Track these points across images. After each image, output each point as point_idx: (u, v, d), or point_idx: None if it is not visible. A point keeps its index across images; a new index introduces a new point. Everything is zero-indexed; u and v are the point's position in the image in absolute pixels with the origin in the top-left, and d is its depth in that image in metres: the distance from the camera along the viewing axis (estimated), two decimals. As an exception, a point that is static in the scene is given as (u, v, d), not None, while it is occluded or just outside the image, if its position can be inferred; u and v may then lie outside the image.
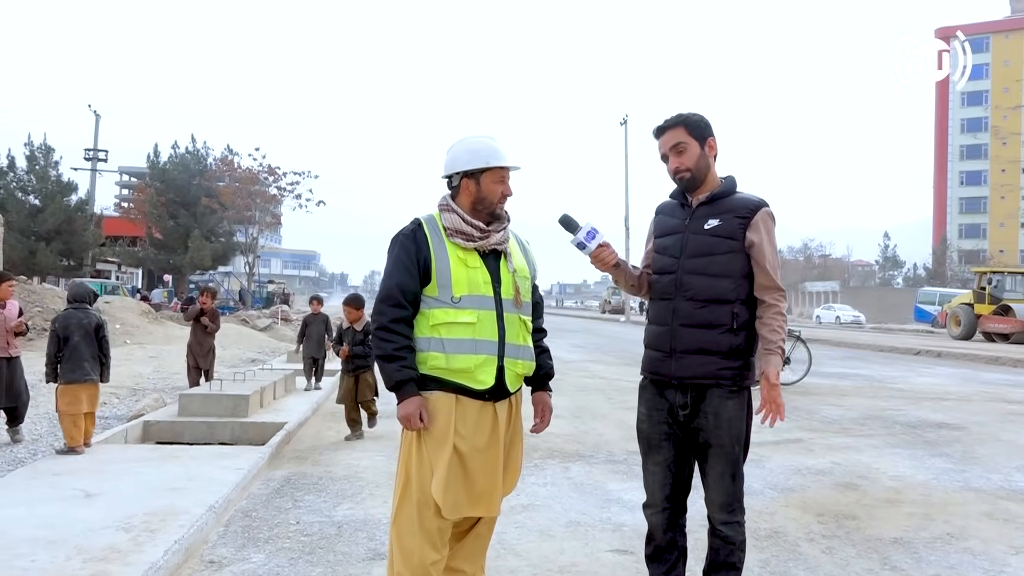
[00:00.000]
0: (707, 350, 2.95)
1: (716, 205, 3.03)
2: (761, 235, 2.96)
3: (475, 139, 3.00)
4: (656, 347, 3.09)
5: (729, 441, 2.97)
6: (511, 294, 2.96)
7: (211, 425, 7.53)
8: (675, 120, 3.06)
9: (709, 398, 2.97)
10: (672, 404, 3.03)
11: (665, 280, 3.06)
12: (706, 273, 2.98)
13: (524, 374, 3.02)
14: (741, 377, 2.98)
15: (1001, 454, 7.02)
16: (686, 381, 2.98)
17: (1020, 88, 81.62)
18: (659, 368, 3.06)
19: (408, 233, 2.95)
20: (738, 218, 2.98)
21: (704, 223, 3.02)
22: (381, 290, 2.95)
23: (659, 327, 3.08)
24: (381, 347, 2.86)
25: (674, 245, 3.06)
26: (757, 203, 3.01)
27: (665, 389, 3.06)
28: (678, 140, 3.03)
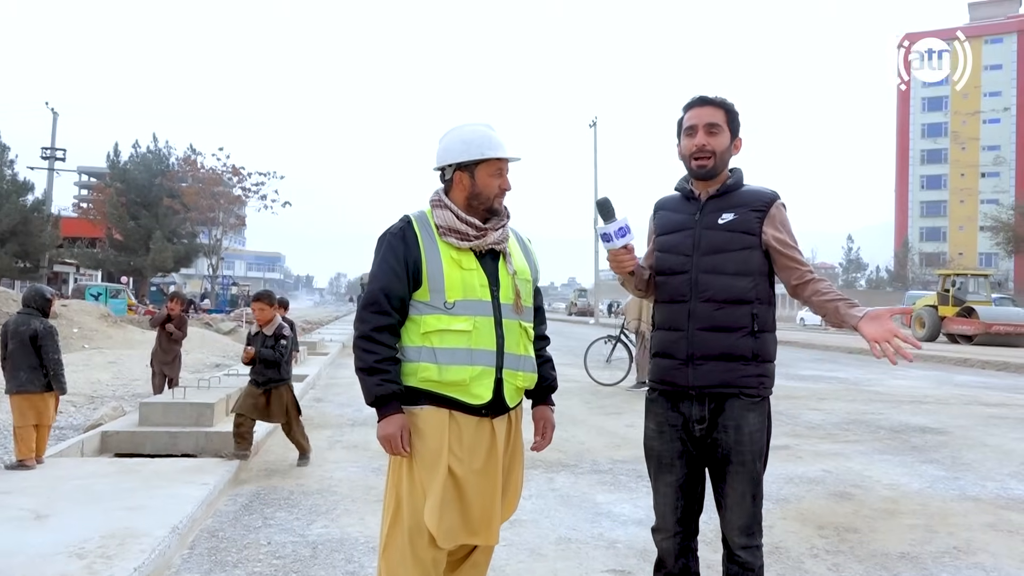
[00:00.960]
0: (729, 355, 2.70)
1: (727, 198, 2.79)
2: (780, 228, 2.75)
3: (469, 127, 2.73)
4: (669, 354, 2.82)
5: (751, 457, 2.73)
6: (511, 298, 2.69)
7: (174, 435, 7.14)
8: (719, 100, 2.82)
9: (729, 409, 2.72)
10: (687, 418, 2.78)
11: (677, 281, 2.80)
12: (723, 271, 2.73)
13: (525, 387, 2.75)
14: (763, 385, 2.75)
15: (991, 460, 6.89)
16: (705, 391, 2.73)
17: (979, 94, 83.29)
18: (673, 378, 2.80)
19: (396, 232, 2.66)
20: (753, 211, 2.74)
21: (717, 217, 2.77)
22: (364, 295, 2.66)
23: (672, 332, 2.82)
24: (362, 359, 2.57)
25: (684, 242, 2.80)
26: (771, 195, 2.79)
27: (680, 401, 2.80)
28: (716, 120, 2.78)
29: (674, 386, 2.80)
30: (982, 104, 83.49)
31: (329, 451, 7.05)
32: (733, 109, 2.80)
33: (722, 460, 2.73)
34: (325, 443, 7.39)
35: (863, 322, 2.52)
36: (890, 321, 2.49)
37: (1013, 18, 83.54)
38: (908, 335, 2.46)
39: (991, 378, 15.62)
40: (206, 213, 43.70)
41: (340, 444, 7.36)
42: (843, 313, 2.60)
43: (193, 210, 43.11)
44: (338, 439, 7.61)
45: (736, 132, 2.81)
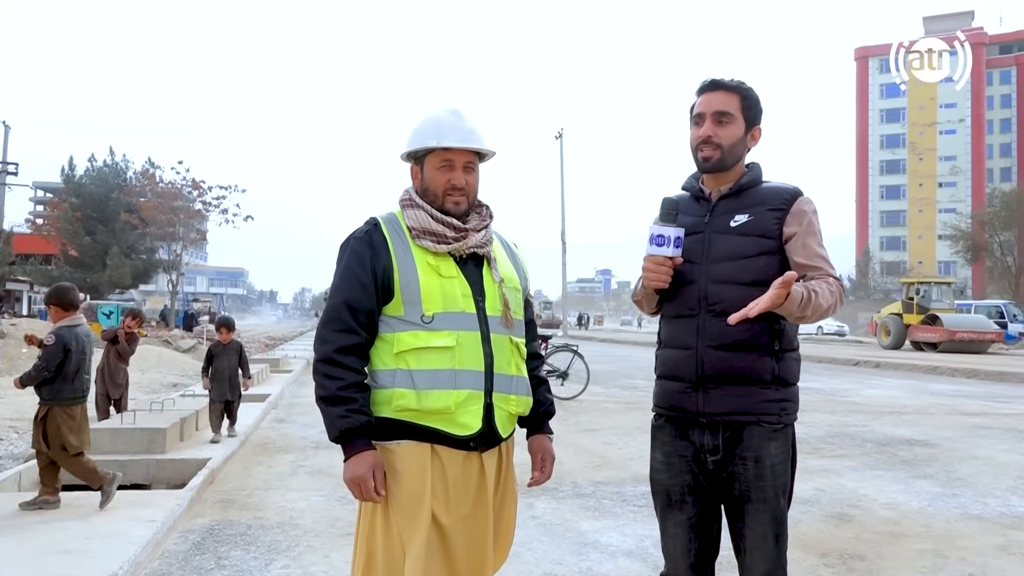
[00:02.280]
0: (746, 378, 2.33)
1: (742, 197, 2.43)
2: (801, 227, 2.36)
3: (426, 115, 2.36)
4: (676, 376, 2.45)
5: (774, 493, 2.35)
6: (498, 309, 2.31)
7: (122, 464, 6.60)
8: (734, 84, 2.45)
9: (747, 439, 2.34)
10: (699, 448, 2.41)
11: (684, 292, 2.42)
12: (738, 281, 2.35)
13: (518, 413, 2.36)
14: (786, 411, 2.38)
15: (986, 474, 6.64)
16: (718, 419, 2.36)
17: (935, 106, 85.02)
18: (682, 403, 2.43)
19: (361, 236, 2.27)
20: (771, 210, 2.37)
21: (729, 219, 2.41)
22: (325, 310, 2.26)
23: (679, 351, 2.45)
24: (323, 386, 2.18)
25: (692, 249, 2.42)
26: (792, 191, 2.42)
27: (689, 429, 2.43)
28: (727, 108, 2.41)
29: (683, 412, 2.43)
30: (938, 115, 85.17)
31: (292, 477, 6.57)
32: (751, 94, 2.44)
33: (740, 497, 2.36)
34: (287, 468, 6.92)
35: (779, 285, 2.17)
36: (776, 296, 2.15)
37: (967, 31, 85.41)
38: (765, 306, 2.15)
39: (964, 386, 15.56)
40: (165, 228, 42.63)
41: (303, 469, 6.88)
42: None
43: (152, 225, 42.03)
44: (301, 464, 7.14)
45: (754, 121, 2.45)
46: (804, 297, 2.21)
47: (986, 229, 56.73)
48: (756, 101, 2.45)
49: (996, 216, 56.04)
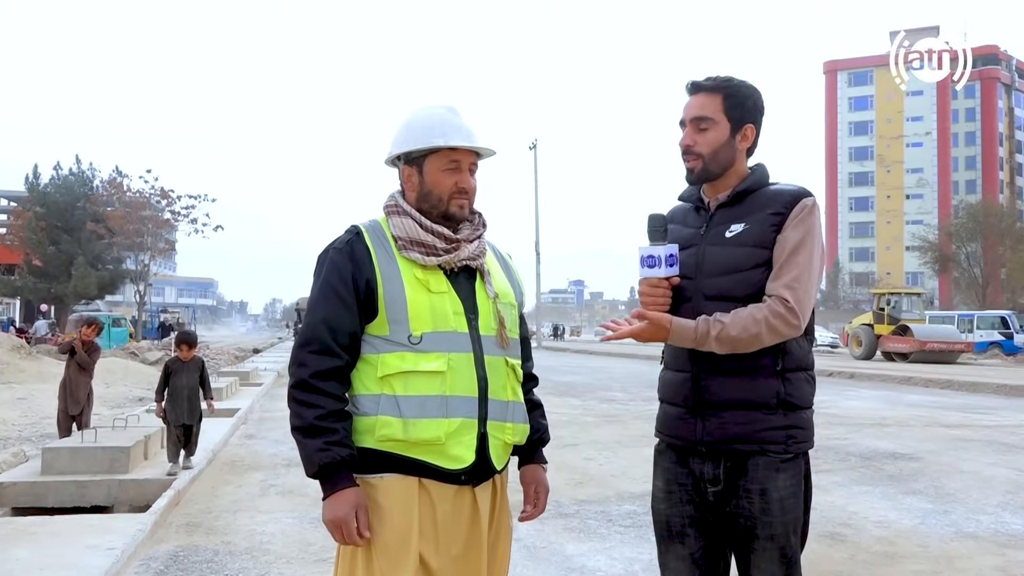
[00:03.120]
0: (747, 403, 2.13)
1: (742, 205, 2.22)
2: (789, 231, 2.12)
3: (419, 110, 2.15)
4: (673, 401, 2.26)
5: (783, 530, 2.13)
6: (492, 328, 2.10)
7: (82, 485, 6.29)
8: (714, 83, 2.23)
9: (752, 470, 2.13)
10: (699, 477, 2.21)
11: (680, 311, 2.21)
12: (731, 297, 2.14)
13: (515, 443, 2.15)
14: (795, 439, 2.16)
15: (974, 489, 6.53)
16: (718, 447, 2.17)
17: (901, 119, 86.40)
18: (679, 430, 2.23)
19: (342, 247, 2.05)
20: (772, 214, 2.15)
21: (725, 230, 2.21)
22: (302, 330, 2.03)
23: (676, 374, 2.26)
24: (299, 414, 1.96)
25: (687, 263, 2.23)
26: (795, 193, 2.18)
27: (689, 457, 2.23)
28: (705, 113, 2.20)
29: (680, 440, 2.24)
30: (905, 128, 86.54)
31: (262, 498, 6.29)
32: (736, 92, 2.21)
33: (745, 533, 2.15)
34: (257, 489, 6.63)
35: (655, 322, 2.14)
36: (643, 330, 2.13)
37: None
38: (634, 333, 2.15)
39: (940, 397, 15.59)
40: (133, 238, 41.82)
41: (274, 489, 6.59)
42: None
43: (119, 235, 41.22)
44: (272, 483, 6.85)
45: (741, 120, 2.22)
46: (700, 332, 2.06)
47: (953, 240, 57.57)
48: (744, 98, 2.22)
49: (963, 227, 56.90)
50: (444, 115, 2.11)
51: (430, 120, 2.09)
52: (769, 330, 2.06)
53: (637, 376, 19.94)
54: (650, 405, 13.31)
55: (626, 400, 14.36)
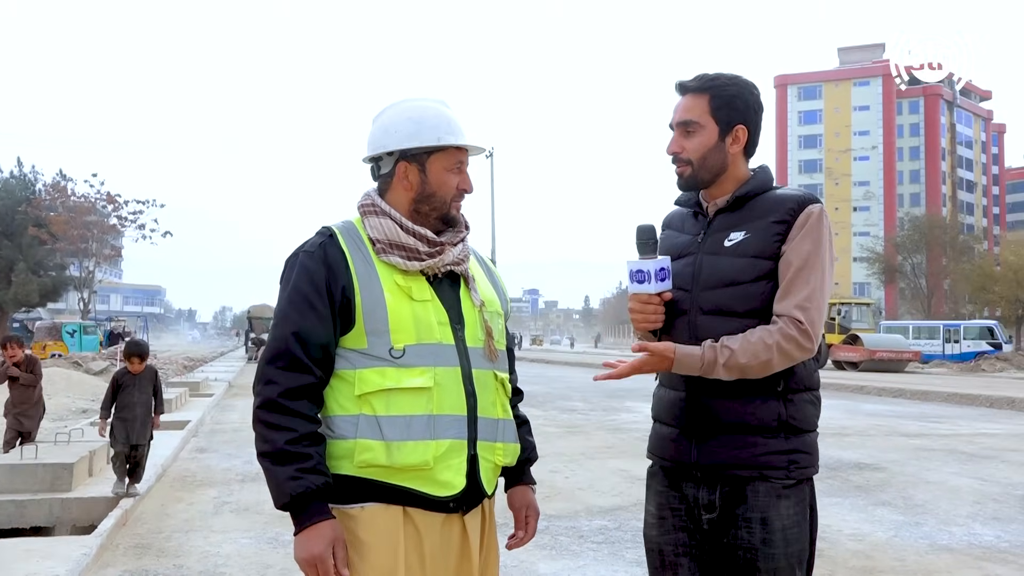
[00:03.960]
0: (744, 425, 1.95)
1: (742, 211, 2.04)
2: (798, 241, 1.95)
3: (418, 103, 1.95)
4: (666, 421, 2.09)
5: (786, 563, 1.94)
6: (480, 339, 1.92)
7: (21, 505, 5.91)
8: (700, 83, 2.06)
9: (752, 497, 1.95)
10: (692, 502, 2.04)
11: (675, 325, 2.05)
12: (731, 312, 1.97)
13: (505, 464, 1.96)
14: (797, 464, 1.97)
15: (943, 500, 6.51)
16: (714, 472, 1.99)
17: (849, 133, 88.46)
18: (671, 452, 2.06)
19: (313, 250, 1.84)
20: (774, 224, 1.98)
21: (724, 238, 2.03)
22: (268, 344, 1.82)
23: (669, 392, 2.08)
24: (267, 439, 1.74)
25: (683, 274, 2.06)
26: (799, 199, 2.00)
27: (682, 480, 2.05)
28: (690, 116, 2.04)
29: (673, 462, 2.06)
30: (852, 142, 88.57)
31: (215, 517, 5.98)
32: (723, 91, 2.04)
33: (746, 567, 1.95)
34: (210, 507, 6.31)
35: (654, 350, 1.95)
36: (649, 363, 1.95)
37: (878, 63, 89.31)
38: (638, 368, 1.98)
39: (895, 406, 15.80)
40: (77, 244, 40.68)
41: (228, 507, 6.29)
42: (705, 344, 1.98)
43: (62, 240, 40.01)
44: (226, 500, 6.54)
45: (730, 122, 2.04)
46: (707, 361, 1.89)
47: (899, 252, 58.99)
48: (731, 97, 2.04)
49: (908, 239, 58.36)
50: (445, 111, 1.93)
51: (436, 116, 1.90)
52: (781, 355, 1.89)
53: (596, 386, 19.85)
54: (611, 416, 13.22)
55: (587, 410, 14.24)
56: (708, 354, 1.90)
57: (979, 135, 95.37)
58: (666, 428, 2.09)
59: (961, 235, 62.63)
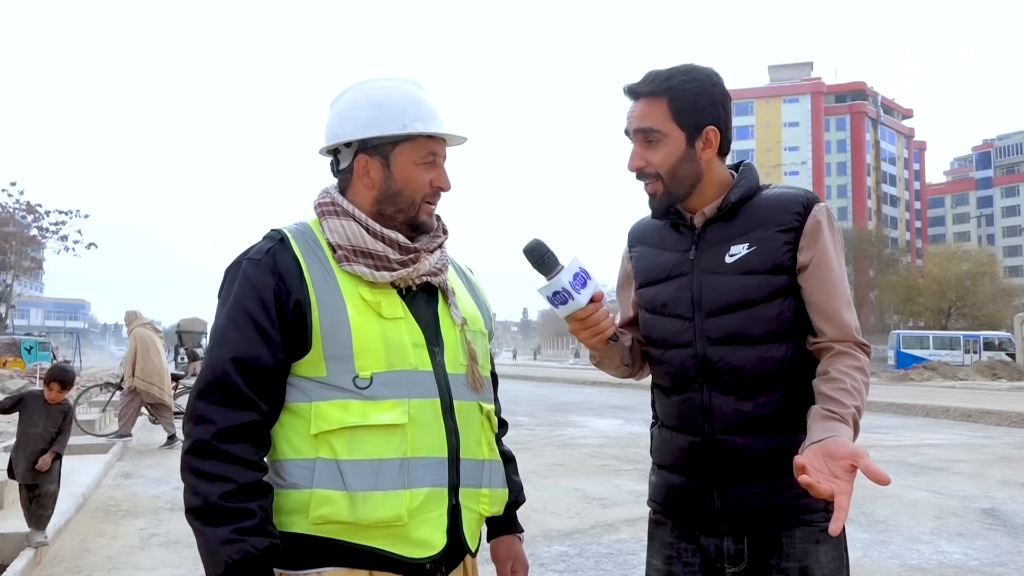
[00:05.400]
0: (778, 466, 1.69)
1: (737, 219, 1.76)
2: (819, 251, 1.71)
3: (383, 84, 1.63)
4: (679, 470, 1.80)
5: None
6: (462, 364, 1.62)
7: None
8: (653, 86, 1.75)
9: (787, 545, 1.70)
10: (712, 554, 1.77)
11: (677, 357, 1.77)
12: (746, 338, 1.71)
13: (491, 513, 1.66)
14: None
15: (904, 515, 6.42)
16: (745, 520, 1.73)
17: (780, 149, 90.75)
18: (686, 504, 1.78)
19: (259, 257, 1.52)
20: (781, 231, 1.71)
21: (723, 253, 1.75)
22: (203, 372, 1.48)
23: (683, 437, 1.78)
24: (198, 491, 1.40)
25: (679, 297, 1.78)
26: (803, 200, 1.74)
27: (699, 531, 1.78)
28: (649, 123, 1.74)
29: (693, 513, 1.78)
30: (783, 158, 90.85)
31: (143, 552, 5.48)
32: (682, 92, 1.73)
33: None
34: (136, 540, 5.79)
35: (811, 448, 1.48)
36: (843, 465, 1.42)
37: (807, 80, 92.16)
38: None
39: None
40: (-6, 255, 38.84)
41: (157, 540, 5.78)
42: (809, 420, 1.58)
43: (-23, 252, 38.20)
44: (154, 532, 6.02)
45: (697, 125, 1.74)
46: (855, 426, 1.55)
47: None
48: (694, 96, 1.73)
49: (837, 252, 60.12)
50: (416, 92, 1.61)
51: (403, 98, 1.58)
52: (867, 372, 1.68)
53: (539, 399, 19.65)
54: (558, 431, 12.96)
55: (533, 425, 13.98)
56: (851, 420, 1.54)
57: (902, 152, 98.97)
58: (678, 477, 1.79)
59: (887, 248, 64.74)
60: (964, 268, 49.14)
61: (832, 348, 1.68)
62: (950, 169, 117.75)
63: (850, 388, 1.60)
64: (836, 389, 1.60)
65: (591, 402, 19.23)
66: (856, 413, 1.58)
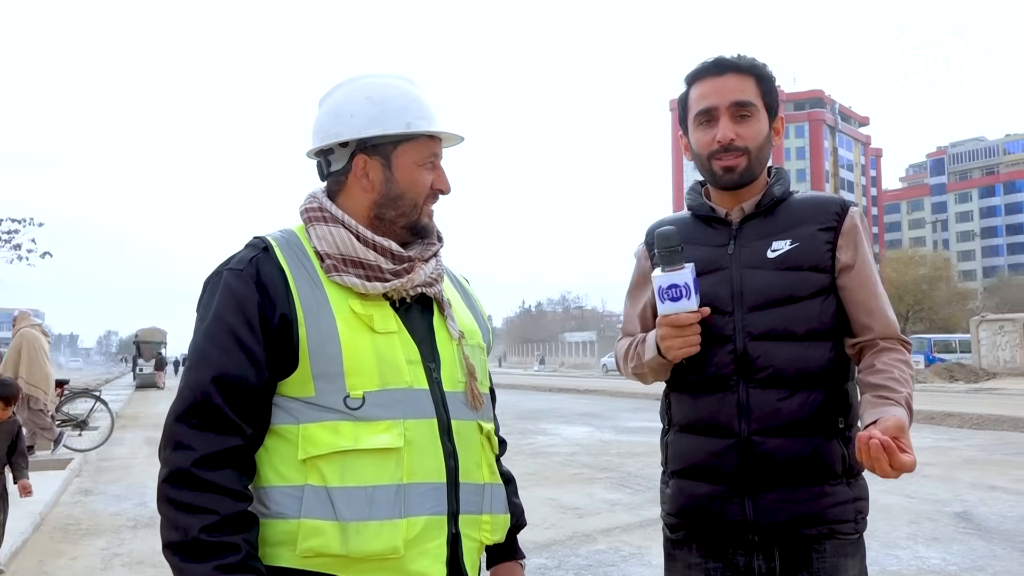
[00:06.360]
0: (812, 473, 1.67)
1: (776, 216, 1.79)
2: (860, 252, 1.75)
3: (380, 80, 1.53)
4: (707, 477, 1.74)
5: None
6: (460, 382, 1.53)
7: None
8: (747, 63, 1.79)
9: (817, 560, 1.68)
10: (742, 572, 1.72)
11: (713, 356, 1.73)
12: (789, 334, 1.70)
13: (492, 541, 1.57)
14: (862, 515, 1.75)
15: (879, 520, 6.42)
16: (776, 533, 1.68)
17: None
18: (716, 515, 1.73)
19: (241, 268, 1.41)
20: (821, 230, 1.74)
21: (765, 248, 1.75)
22: (180, 395, 1.36)
23: (710, 440, 1.74)
24: (177, 524, 1.29)
25: (716, 294, 1.75)
26: (841, 202, 1.80)
27: (728, 548, 1.74)
28: (746, 97, 1.76)
29: (719, 525, 1.72)
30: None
31: (104, 572, 5.28)
32: (767, 74, 1.80)
33: None
34: (98, 560, 5.58)
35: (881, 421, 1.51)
36: (902, 437, 1.47)
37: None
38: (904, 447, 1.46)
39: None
40: (-57, 265, 37.72)
41: (119, 560, 5.57)
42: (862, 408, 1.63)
43: (-75, 261, 37.04)
44: (116, 552, 5.81)
45: (775, 110, 1.82)
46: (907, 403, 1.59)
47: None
48: (773, 82, 1.82)
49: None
50: (415, 90, 1.53)
51: (403, 96, 1.50)
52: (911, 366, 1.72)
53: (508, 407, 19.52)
54: (528, 439, 12.85)
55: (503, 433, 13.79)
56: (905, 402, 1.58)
57: (859, 158, 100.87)
58: (704, 485, 1.73)
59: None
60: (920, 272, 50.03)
61: (877, 344, 1.69)
62: (905, 175, 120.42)
63: (899, 378, 1.62)
64: (886, 378, 1.62)
65: (559, 409, 19.18)
66: (908, 398, 1.59)
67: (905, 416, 1.53)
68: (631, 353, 1.87)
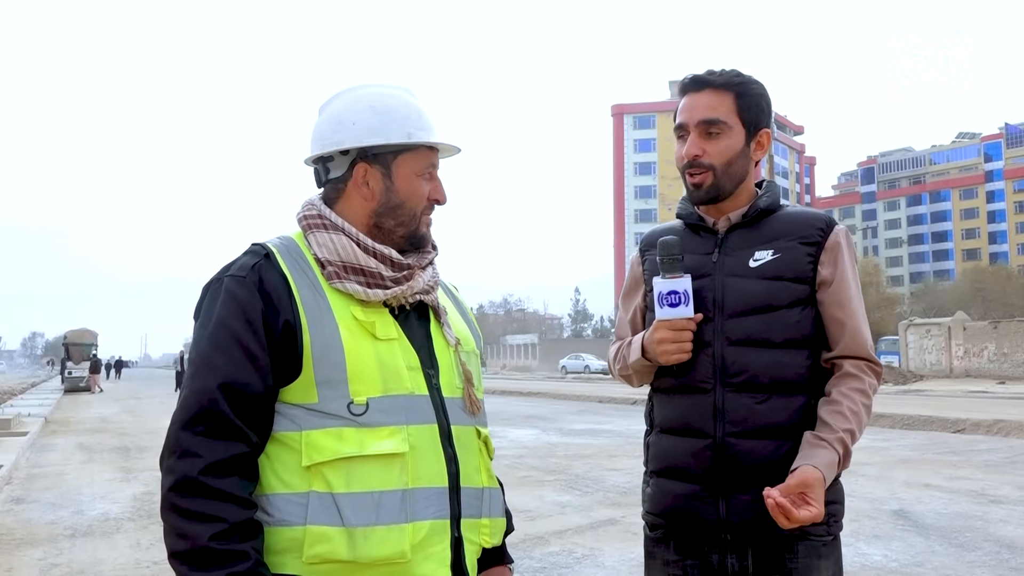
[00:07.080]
0: (781, 475, 1.70)
1: (761, 227, 1.84)
2: (840, 268, 1.80)
3: (381, 90, 1.54)
4: (684, 476, 1.79)
5: None
6: (458, 388, 1.55)
7: None
8: (723, 79, 1.83)
9: (789, 561, 1.73)
10: (716, 570, 1.77)
11: (695, 359, 1.78)
12: (765, 341, 1.75)
13: (491, 545, 1.59)
14: (835, 517, 1.80)
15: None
16: (748, 533, 1.73)
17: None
18: (694, 512, 1.77)
19: (244, 274, 1.41)
20: (803, 243, 1.80)
21: (748, 257, 1.81)
22: (183, 403, 1.35)
23: (688, 441, 1.79)
24: (185, 533, 1.28)
25: (699, 298, 1.80)
26: (826, 219, 1.85)
27: (703, 546, 1.79)
28: (715, 114, 1.80)
29: (695, 524, 1.77)
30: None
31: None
32: (749, 89, 1.84)
33: None
34: (36, 572, 5.37)
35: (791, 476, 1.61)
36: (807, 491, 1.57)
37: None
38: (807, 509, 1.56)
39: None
40: None
41: (58, 570, 5.37)
42: (804, 441, 1.69)
43: None
44: (55, 562, 5.60)
45: (757, 124, 1.85)
46: (844, 455, 1.66)
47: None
48: (758, 97, 1.85)
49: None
50: (415, 102, 1.55)
51: (404, 106, 1.51)
52: (870, 397, 1.76)
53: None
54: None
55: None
56: (839, 447, 1.65)
57: (793, 166, 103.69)
58: (681, 484, 1.78)
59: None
60: (852, 277, 51.64)
61: (843, 366, 1.74)
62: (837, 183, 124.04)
63: (846, 411, 1.68)
64: (831, 412, 1.69)
65: (504, 412, 19.20)
66: (846, 436, 1.67)
67: (829, 461, 1.62)
68: (618, 355, 1.93)
